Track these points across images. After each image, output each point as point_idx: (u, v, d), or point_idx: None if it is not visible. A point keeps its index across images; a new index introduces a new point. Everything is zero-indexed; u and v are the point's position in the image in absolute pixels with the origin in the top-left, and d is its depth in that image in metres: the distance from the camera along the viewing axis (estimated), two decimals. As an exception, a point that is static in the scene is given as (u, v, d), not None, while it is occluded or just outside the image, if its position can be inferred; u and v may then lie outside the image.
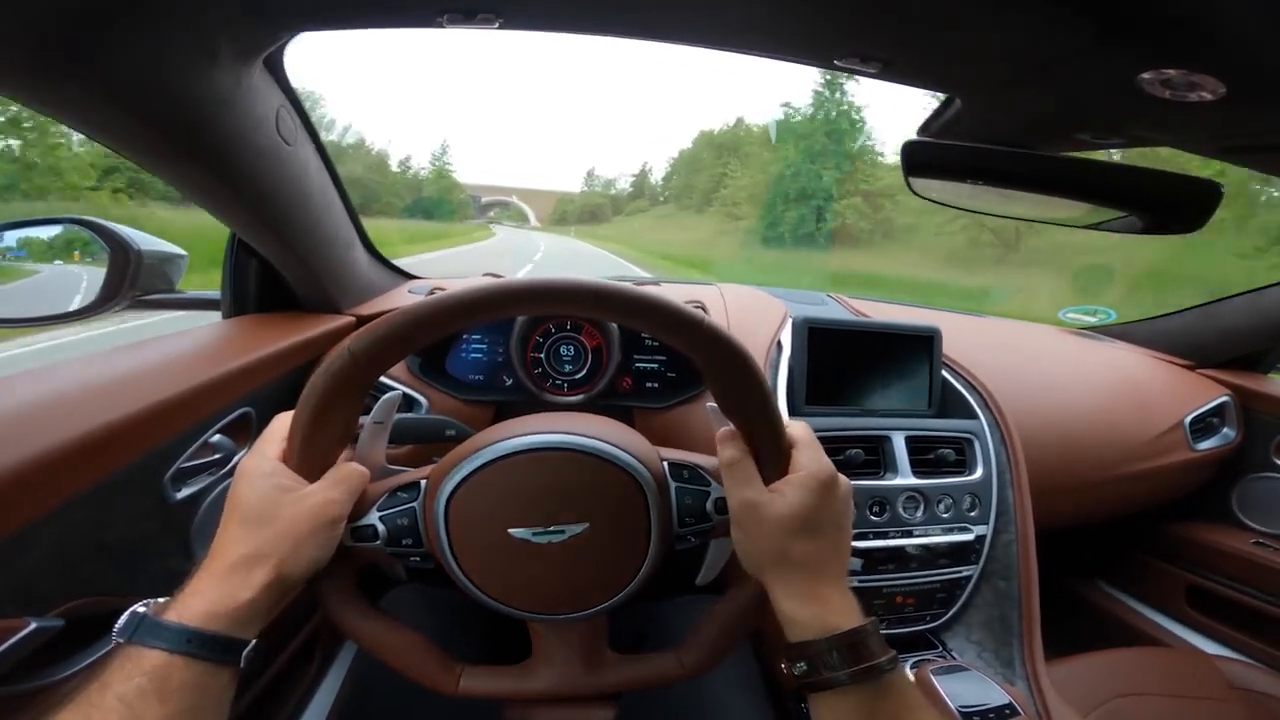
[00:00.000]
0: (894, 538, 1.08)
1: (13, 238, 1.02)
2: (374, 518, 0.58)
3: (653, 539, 0.59)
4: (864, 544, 1.06)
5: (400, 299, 1.35)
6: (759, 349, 1.20)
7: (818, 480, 0.56)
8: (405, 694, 0.69)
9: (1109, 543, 1.80)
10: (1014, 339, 1.68)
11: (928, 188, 0.95)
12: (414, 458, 0.87)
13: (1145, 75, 0.62)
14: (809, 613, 0.53)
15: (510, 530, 0.56)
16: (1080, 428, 1.41)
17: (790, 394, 1.16)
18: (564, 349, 1.17)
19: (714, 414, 0.62)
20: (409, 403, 1.10)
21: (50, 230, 1.07)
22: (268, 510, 0.52)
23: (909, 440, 1.14)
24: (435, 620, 0.89)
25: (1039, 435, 1.28)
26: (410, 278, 1.48)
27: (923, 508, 1.10)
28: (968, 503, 1.12)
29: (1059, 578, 1.85)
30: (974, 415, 1.20)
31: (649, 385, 1.20)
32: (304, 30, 0.76)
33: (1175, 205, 0.88)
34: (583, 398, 1.16)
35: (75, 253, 1.06)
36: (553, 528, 0.56)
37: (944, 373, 1.25)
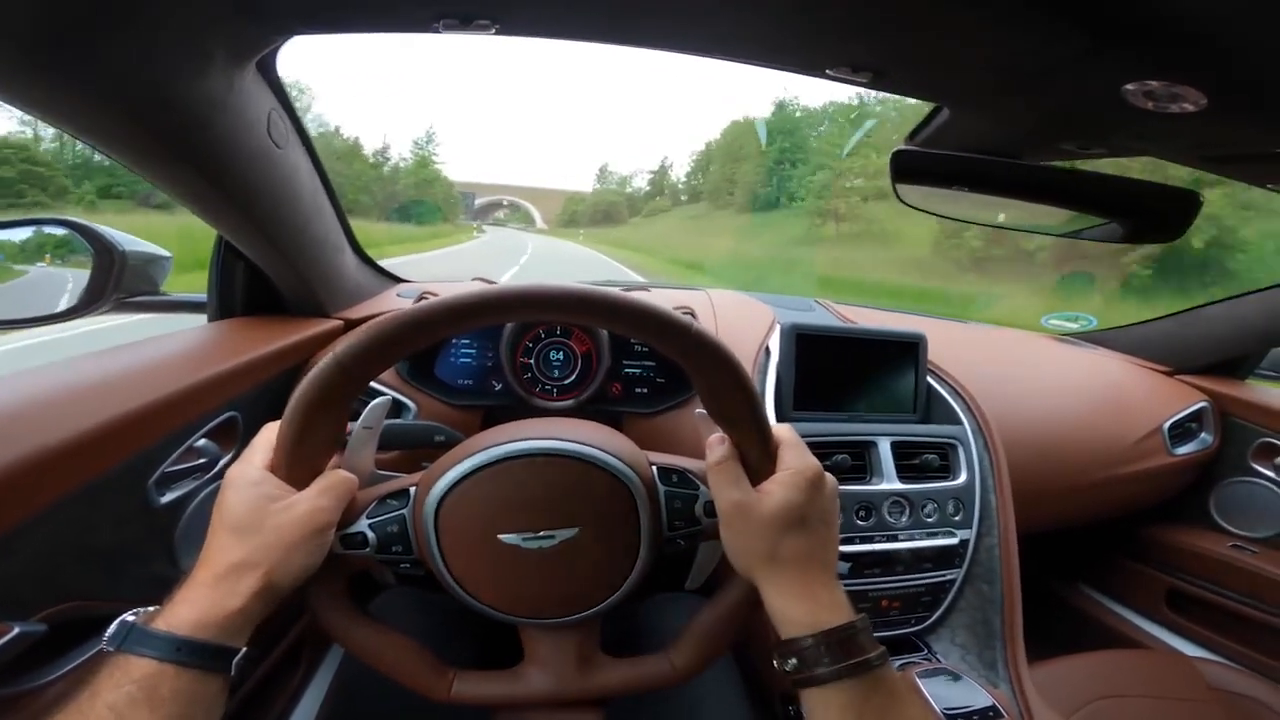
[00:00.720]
0: (880, 542, 1.09)
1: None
2: (363, 525, 0.58)
3: (642, 543, 0.59)
4: (850, 548, 1.07)
5: (388, 302, 1.34)
6: (747, 355, 1.21)
7: (804, 478, 0.56)
8: (392, 698, 0.69)
9: (1090, 546, 1.83)
10: (997, 345, 1.70)
11: (915, 195, 0.97)
12: (403, 463, 0.87)
13: (1129, 87, 0.63)
14: (800, 610, 0.54)
15: (500, 536, 0.56)
16: (1061, 433, 1.43)
17: (778, 400, 1.17)
18: (553, 354, 1.17)
19: (702, 420, 0.62)
20: (398, 407, 1.09)
21: (33, 231, 1.06)
22: (256, 519, 0.52)
23: (894, 445, 1.15)
24: (425, 625, 0.89)
25: (1021, 440, 1.30)
26: (398, 281, 1.47)
27: (908, 512, 1.11)
28: (952, 507, 1.13)
29: (1041, 580, 1.88)
30: (958, 421, 1.21)
31: (638, 391, 1.20)
32: (298, 34, 0.75)
33: (1156, 214, 0.90)
34: (572, 403, 1.16)
35: (47, 255, 1.05)
36: (543, 533, 0.56)
37: (929, 378, 1.26)
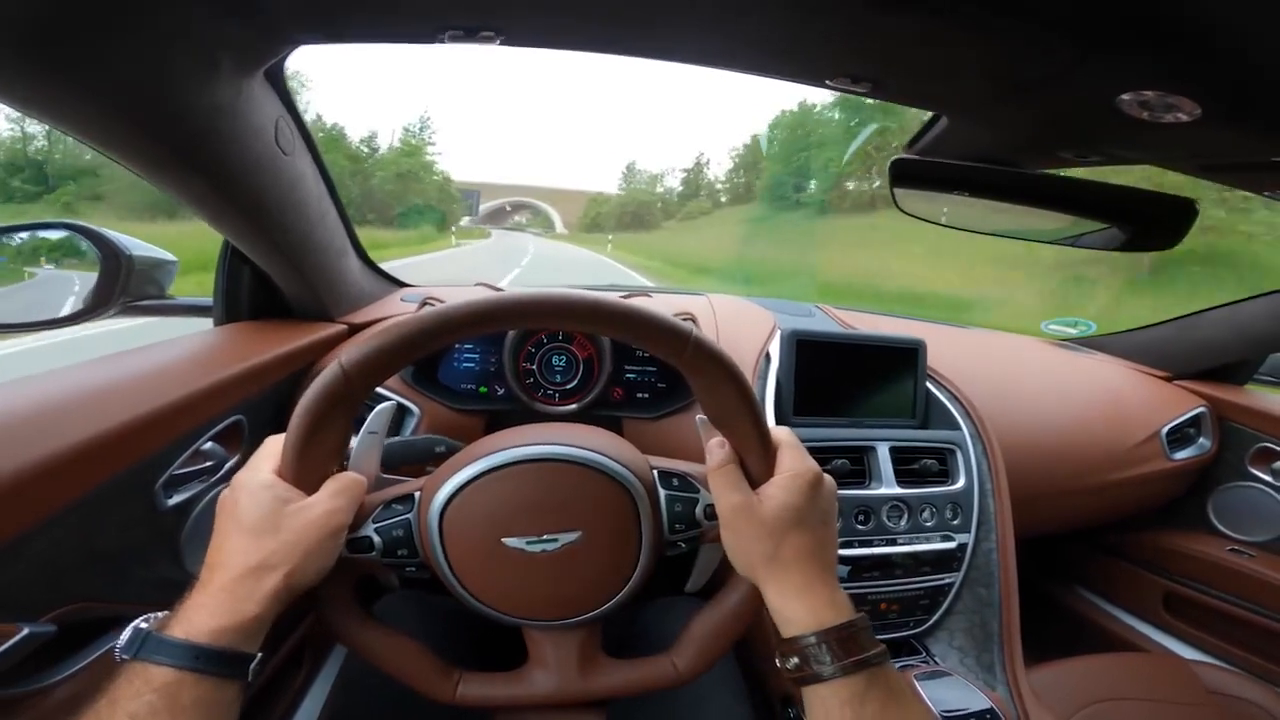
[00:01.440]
0: (879, 546, 1.09)
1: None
2: (369, 529, 0.59)
3: (644, 546, 0.60)
4: (849, 552, 1.07)
5: (392, 307, 1.35)
6: (747, 360, 1.22)
7: (803, 480, 0.57)
8: (394, 699, 0.70)
9: (1088, 550, 1.83)
10: (996, 350, 1.70)
11: (914, 203, 0.98)
12: (408, 469, 0.88)
13: (1124, 96, 0.64)
14: (801, 609, 0.54)
15: (504, 540, 0.57)
16: (1060, 438, 1.43)
17: (778, 405, 1.17)
18: (555, 359, 1.17)
19: (702, 425, 0.63)
20: (402, 412, 1.10)
21: (43, 234, 1.07)
22: (272, 521, 0.52)
23: (893, 450, 1.16)
24: (429, 627, 0.89)
25: (1020, 445, 1.31)
26: (403, 285, 1.48)
27: (906, 516, 1.12)
28: (950, 512, 1.14)
29: (1039, 584, 1.88)
30: (956, 426, 1.22)
31: (640, 395, 1.21)
32: (305, 43, 0.76)
33: (1152, 222, 0.91)
34: (574, 408, 1.16)
35: (41, 258, 1.06)
36: (546, 537, 0.57)
37: (928, 384, 1.27)
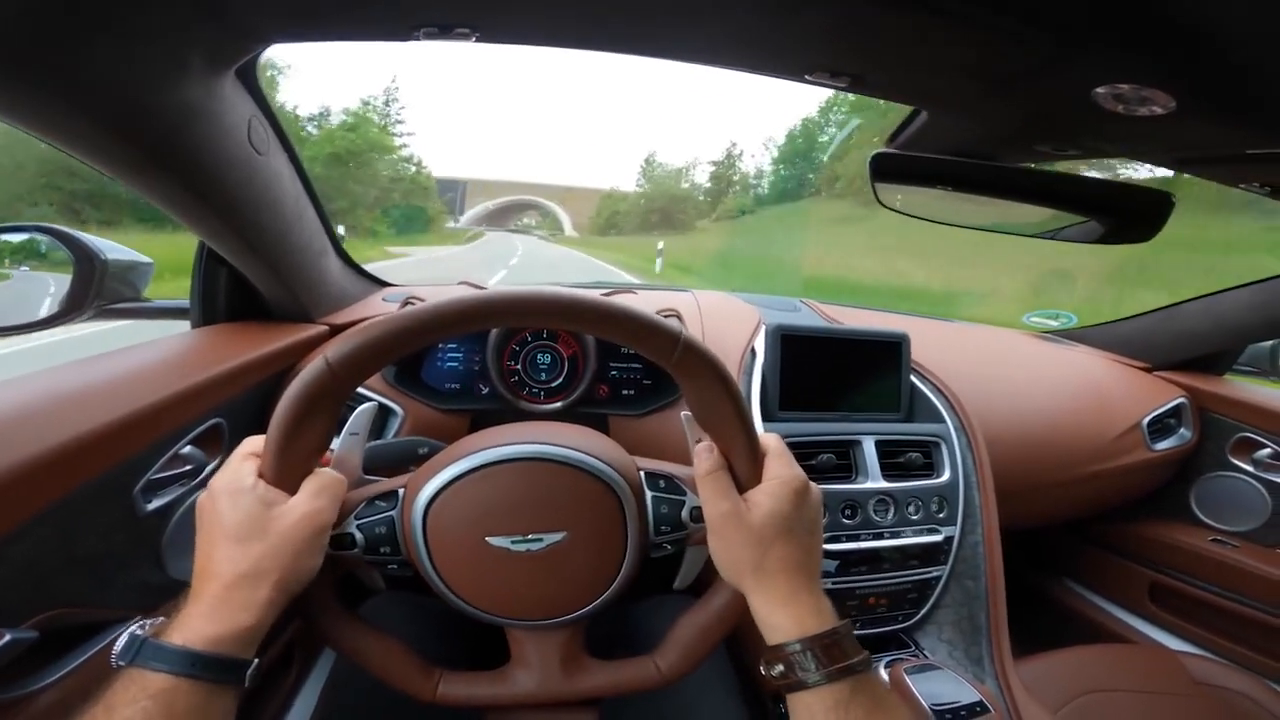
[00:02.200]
0: (866, 540, 1.10)
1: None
2: (351, 526, 0.58)
3: (629, 547, 0.60)
4: (837, 546, 1.08)
5: (374, 307, 1.34)
6: (733, 356, 1.22)
7: (790, 488, 0.58)
8: (385, 701, 0.69)
9: (1074, 541, 1.85)
10: (980, 343, 1.71)
11: (894, 198, 0.98)
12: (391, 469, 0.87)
13: (1099, 90, 0.64)
14: (785, 616, 0.55)
15: (488, 539, 0.57)
16: (1043, 430, 1.44)
17: (764, 400, 1.17)
18: (540, 357, 1.17)
19: (688, 422, 0.63)
20: (385, 412, 1.09)
21: (13, 237, 1.06)
22: (256, 526, 0.52)
23: (879, 444, 1.16)
24: (414, 627, 0.89)
25: (1003, 437, 1.31)
26: (384, 285, 1.47)
27: (893, 510, 1.12)
28: (936, 505, 1.15)
29: (1026, 576, 1.90)
30: (941, 419, 1.22)
31: (625, 392, 1.20)
32: (276, 42, 0.75)
33: (1130, 215, 0.91)
34: (559, 406, 1.16)
35: (5, 260, 1.04)
36: (530, 536, 0.57)
37: (912, 377, 1.27)
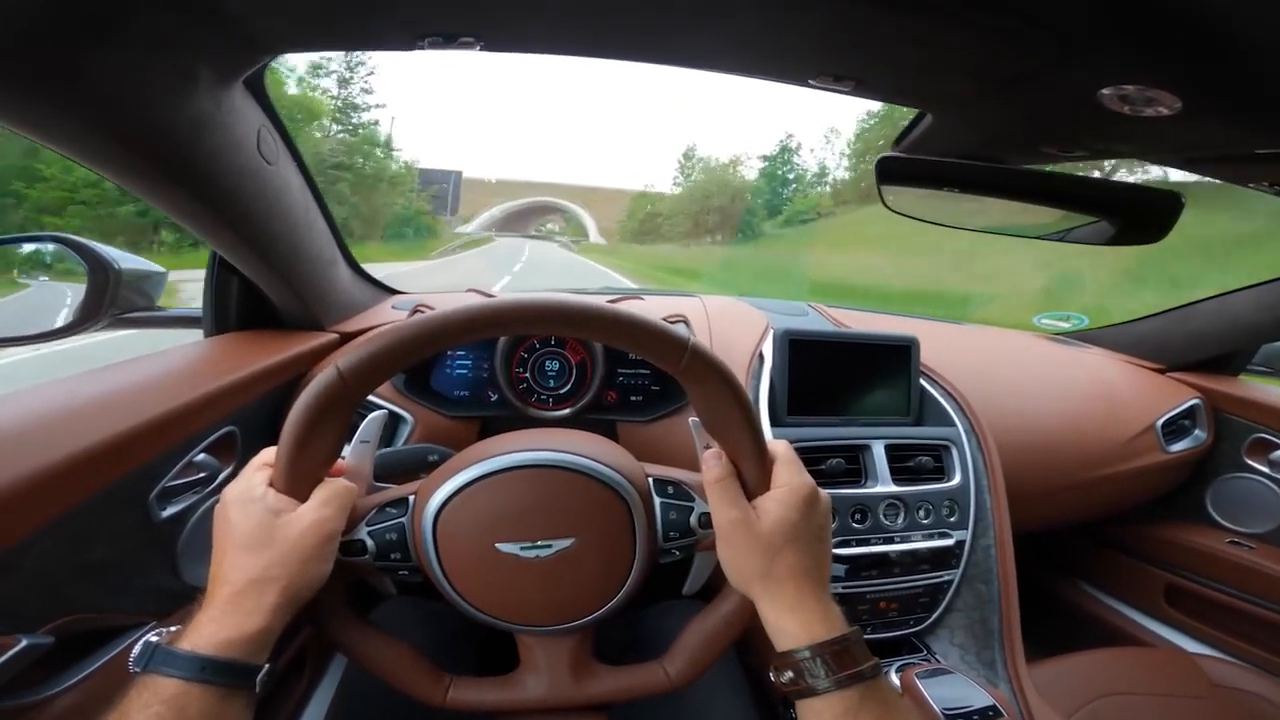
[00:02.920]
0: (876, 544, 1.09)
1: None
2: (362, 533, 0.59)
3: (638, 553, 0.61)
4: (847, 551, 1.07)
5: (383, 315, 1.35)
6: (740, 361, 1.22)
7: (799, 496, 0.58)
8: (395, 707, 0.69)
9: (1088, 544, 1.83)
10: (990, 346, 1.70)
11: (901, 201, 0.98)
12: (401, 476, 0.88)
13: (1105, 91, 0.64)
14: (795, 623, 0.55)
15: (498, 545, 0.57)
16: (1055, 432, 1.43)
17: (772, 405, 1.17)
18: (548, 364, 1.17)
19: (696, 429, 0.63)
20: (395, 419, 1.10)
21: (28, 247, 1.07)
22: (265, 534, 0.52)
23: (888, 448, 1.16)
24: (424, 633, 0.89)
25: (1015, 440, 1.30)
26: (393, 292, 1.48)
27: (903, 514, 1.12)
28: (947, 509, 1.14)
29: (1040, 579, 1.88)
30: (951, 423, 1.22)
31: (633, 399, 1.20)
32: (283, 52, 0.77)
33: (1139, 216, 0.91)
34: (568, 412, 1.16)
35: (14, 270, 1.06)
36: (540, 542, 0.58)
37: (922, 381, 1.27)
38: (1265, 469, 1.55)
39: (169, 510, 0.81)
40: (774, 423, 1.16)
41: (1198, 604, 1.57)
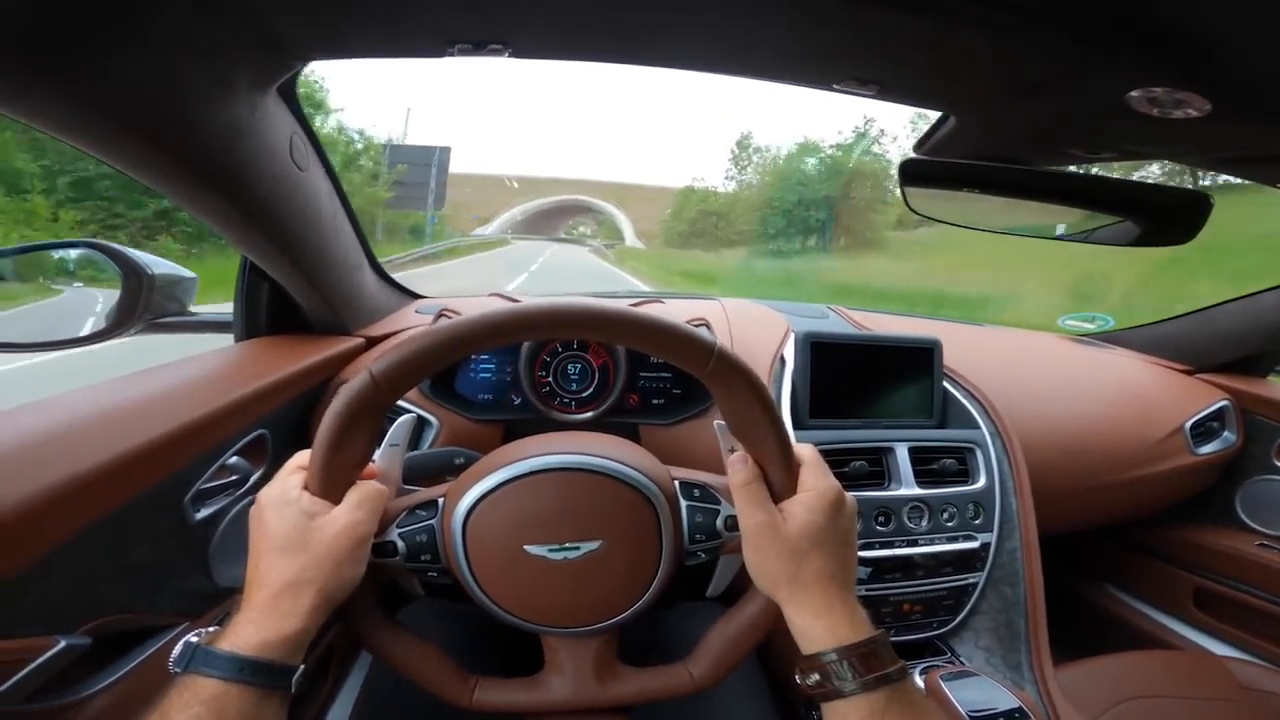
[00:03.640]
0: (900, 547, 1.09)
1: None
2: (393, 534, 0.60)
3: (664, 556, 0.61)
4: (870, 553, 1.07)
5: (407, 319, 1.36)
6: (762, 364, 1.22)
7: (825, 499, 0.58)
8: (420, 707, 0.70)
9: (1116, 547, 1.81)
10: (1014, 348, 1.69)
11: (925, 204, 0.97)
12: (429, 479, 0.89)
13: (1133, 94, 0.64)
14: (821, 626, 0.55)
15: (526, 547, 0.58)
16: (1081, 434, 1.42)
17: (794, 408, 1.17)
18: (571, 367, 1.18)
19: (721, 431, 0.64)
20: (421, 423, 1.11)
21: (64, 253, 1.10)
22: (299, 537, 0.54)
23: (912, 451, 1.15)
24: (450, 634, 0.90)
25: (1041, 442, 1.30)
26: (416, 296, 1.50)
27: (927, 517, 1.11)
28: (971, 511, 1.13)
29: (1067, 582, 1.86)
30: (975, 425, 1.21)
31: (655, 402, 1.21)
32: (316, 59, 0.78)
33: (1168, 217, 0.90)
34: (590, 416, 1.17)
35: (39, 277, 1.07)
36: (568, 545, 0.59)
37: (945, 383, 1.26)
38: (1296, 471, 1.52)
39: (203, 512, 0.83)
40: (796, 425, 1.16)
41: (1227, 607, 1.55)
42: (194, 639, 0.50)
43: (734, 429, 0.60)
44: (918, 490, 1.12)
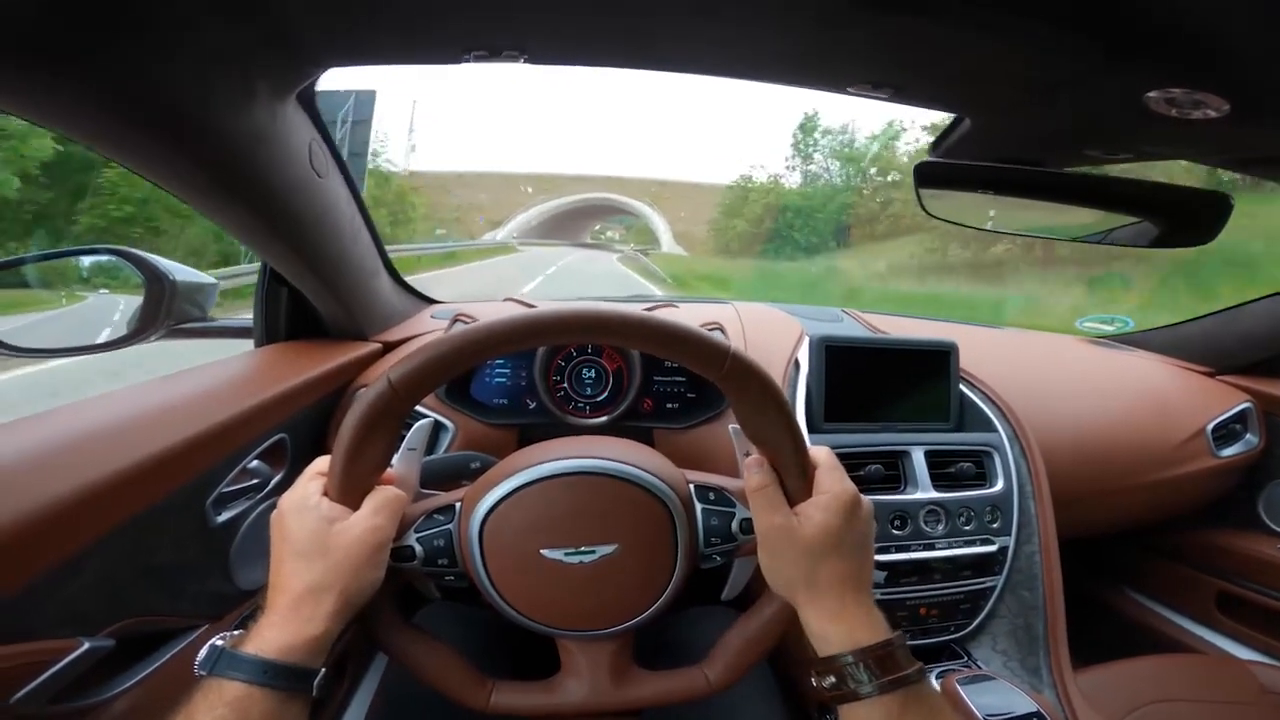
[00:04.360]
0: (916, 551, 1.08)
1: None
2: (411, 539, 0.61)
3: (679, 559, 0.61)
4: (886, 557, 1.07)
5: (423, 324, 1.37)
6: (776, 367, 1.22)
7: (841, 502, 0.58)
8: (435, 710, 0.71)
9: (1136, 550, 1.79)
10: (1032, 350, 1.68)
11: (940, 206, 0.97)
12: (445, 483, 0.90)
13: (1151, 95, 0.64)
14: (838, 629, 0.56)
15: (542, 551, 0.59)
16: (1101, 437, 1.40)
17: (808, 411, 1.17)
18: (585, 371, 1.18)
19: (736, 435, 0.64)
20: (436, 427, 1.12)
21: (89, 260, 1.12)
22: (319, 542, 0.54)
23: (928, 455, 1.15)
24: (465, 637, 0.91)
25: (1060, 445, 1.28)
26: (432, 302, 1.51)
27: (944, 521, 1.10)
28: (989, 515, 1.13)
29: (1086, 586, 1.84)
30: (993, 428, 1.20)
31: (669, 406, 1.21)
32: (334, 66, 0.79)
33: (1187, 217, 0.89)
34: (605, 420, 1.17)
35: (43, 282, 1.09)
36: (584, 549, 0.59)
37: (962, 386, 1.25)
38: (1320, 474, 1.50)
39: (224, 516, 0.84)
40: (811, 429, 1.15)
41: (1251, 611, 1.53)
42: (219, 642, 0.51)
43: (749, 432, 0.60)
44: (934, 494, 1.11)
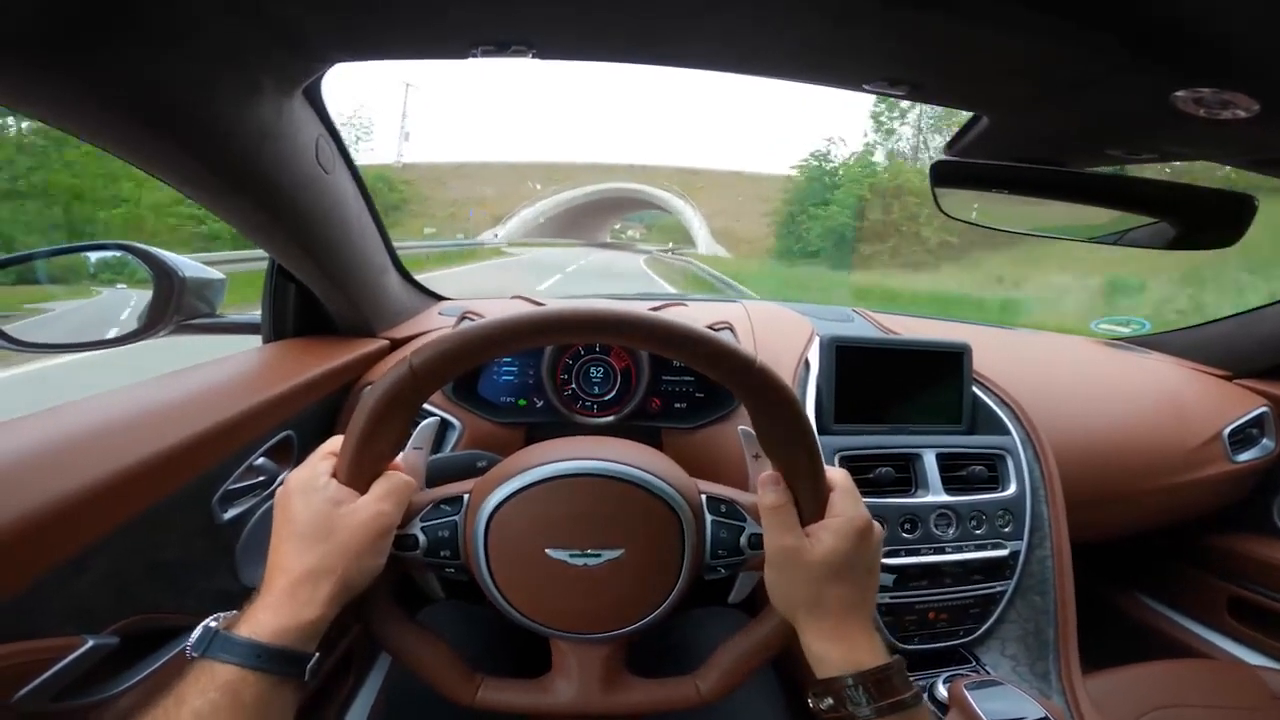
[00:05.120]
0: (926, 554, 1.07)
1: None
2: (416, 528, 0.61)
3: (684, 568, 0.61)
4: (896, 560, 1.05)
5: (430, 321, 1.37)
6: (786, 368, 1.20)
7: (854, 527, 0.58)
8: (440, 709, 0.70)
9: (1149, 555, 1.77)
10: (1046, 352, 1.66)
11: (957, 206, 0.96)
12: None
13: (1178, 94, 0.62)
14: (837, 652, 0.56)
15: (548, 550, 0.58)
16: (1116, 440, 1.39)
17: (818, 412, 1.16)
18: (593, 370, 1.18)
19: (745, 437, 0.63)
20: (443, 425, 1.11)
21: (98, 255, 1.11)
22: (323, 525, 0.54)
23: (940, 457, 1.14)
24: (467, 635, 0.91)
25: (1074, 449, 1.27)
26: (439, 299, 1.51)
27: (955, 524, 1.09)
28: (1001, 519, 1.11)
29: (1098, 590, 1.83)
30: (1006, 431, 1.19)
31: (677, 406, 1.20)
32: (340, 61, 0.78)
33: (1210, 219, 0.87)
34: (612, 419, 1.17)
35: (64, 283, 1.09)
36: (589, 551, 0.58)
37: (975, 388, 1.24)
38: (1337, 480, 1.48)
39: (230, 513, 0.84)
40: (821, 430, 1.14)
41: (1263, 616, 1.51)
42: (213, 624, 0.50)
43: (766, 446, 0.59)
44: (946, 497, 1.10)
